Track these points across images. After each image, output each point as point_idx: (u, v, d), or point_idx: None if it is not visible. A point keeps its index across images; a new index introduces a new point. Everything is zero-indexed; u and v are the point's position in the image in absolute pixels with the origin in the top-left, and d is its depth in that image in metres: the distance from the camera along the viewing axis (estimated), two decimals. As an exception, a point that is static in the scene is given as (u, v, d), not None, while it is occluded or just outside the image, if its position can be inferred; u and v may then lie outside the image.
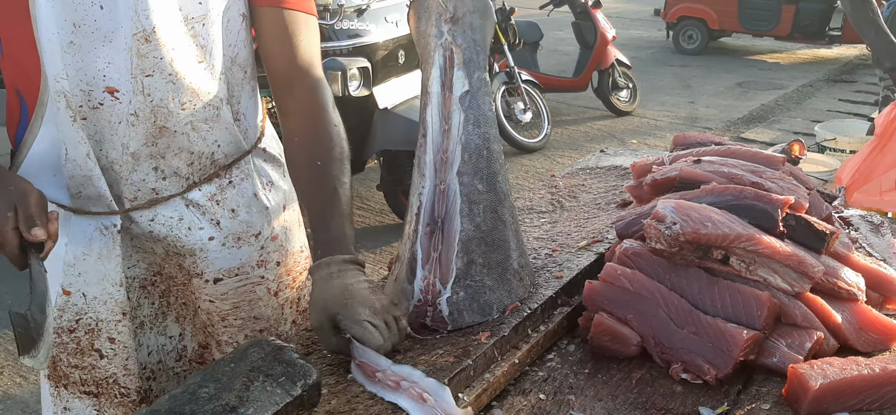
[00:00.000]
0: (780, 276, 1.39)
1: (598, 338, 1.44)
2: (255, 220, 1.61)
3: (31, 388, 3.91)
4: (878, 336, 1.42)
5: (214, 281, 1.57)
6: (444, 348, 1.37)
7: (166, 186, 1.51)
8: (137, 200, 1.50)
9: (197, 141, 1.51)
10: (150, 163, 1.48)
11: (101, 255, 1.50)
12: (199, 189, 1.54)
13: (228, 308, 1.61)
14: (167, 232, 1.52)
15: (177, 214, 1.53)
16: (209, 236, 1.55)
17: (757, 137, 7.93)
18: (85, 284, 1.51)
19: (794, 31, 11.97)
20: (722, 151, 1.79)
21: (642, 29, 14.89)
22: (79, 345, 1.55)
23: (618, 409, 1.30)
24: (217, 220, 1.56)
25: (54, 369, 1.58)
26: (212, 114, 1.51)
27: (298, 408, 1.17)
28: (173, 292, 1.60)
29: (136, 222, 1.51)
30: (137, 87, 1.41)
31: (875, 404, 1.26)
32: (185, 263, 1.56)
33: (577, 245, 1.75)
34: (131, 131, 1.44)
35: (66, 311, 1.53)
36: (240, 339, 1.61)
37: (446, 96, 1.52)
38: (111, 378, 1.56)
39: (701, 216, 1.40)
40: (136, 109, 1.43)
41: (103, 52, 1.38)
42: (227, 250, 1.57)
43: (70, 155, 1.44)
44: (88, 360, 1.56)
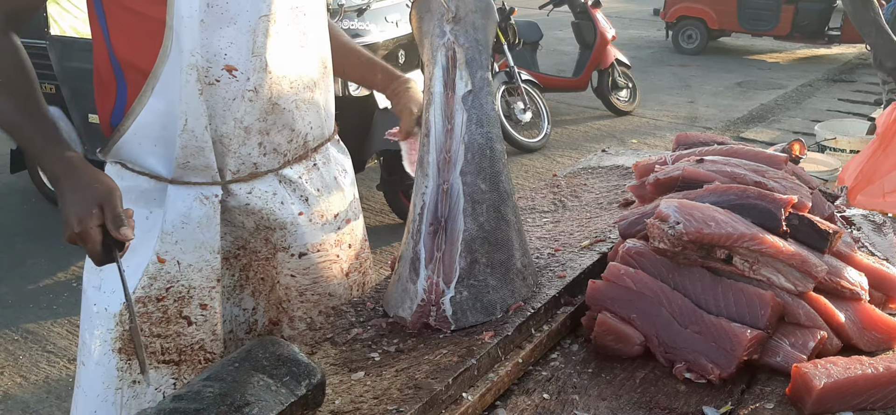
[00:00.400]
0: (784, 275, 1.39)
1: (601, 337, 1.44)
2: (335, 201, 1.75)
3: (32, 388, 3.91)
4: (882, 335, 1.42)
5: (299, 255, 1.68)
6: (448, 347, 1.38)
7: (266, 161, 1.61)
8: (239, 173, 1.60)
9: (298, 119, 1.63)
10: (257, 138, 1.59)
11: (201, 223, 1.57)
12: (291, 167, 1.66)
13: (308, 283, 1.71)
14: (262, 205, 1.62)
15: (271, 188, 1.63)
16: (299, 211, 1.66)
17: (757, 137, 7.93)
18: (180, 252, 1.57)
19: (794, 31, 11.97)
20: (724, 151, 1.79)
21: (642, 29, 14.89)
22: (165, 314, 1.59)
23: (622, 408, 1.30)
24: (306, 197, 1.68)
25: (130, 341, 1.58)
26: (309, 96, 1.65)
27: (303, 408, 1.17)
28: (253, 267, 1.67)
29: (234, 195, 1.60)
30: (260, 64, 1.54)
31: (879, 404, 1.26)
32: (272, 238, 1.65)
33: (580, 245, 1.75)
34: (248, 106, 1.55)
35: (158, 279, 1.57)
36: (314, 315, 1.72)
37: (449, 96, 1.53)
38: (197, 344, 1.62)
39: (704, 216, 1.40)
40: (256, 85, 1.54)
41: (227, 33, 1.50)
42: (313, 226, 1.69)
43: (189, 125, 1.51)
44: (174, 328, 1.60)
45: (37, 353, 4.22)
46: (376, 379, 1.31)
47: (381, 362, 1.37)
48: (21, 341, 4.34)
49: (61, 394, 3.86)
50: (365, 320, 1.53)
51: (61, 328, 4.46)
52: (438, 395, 1.25)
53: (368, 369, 1.35)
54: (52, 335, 4.38)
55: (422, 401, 1.22)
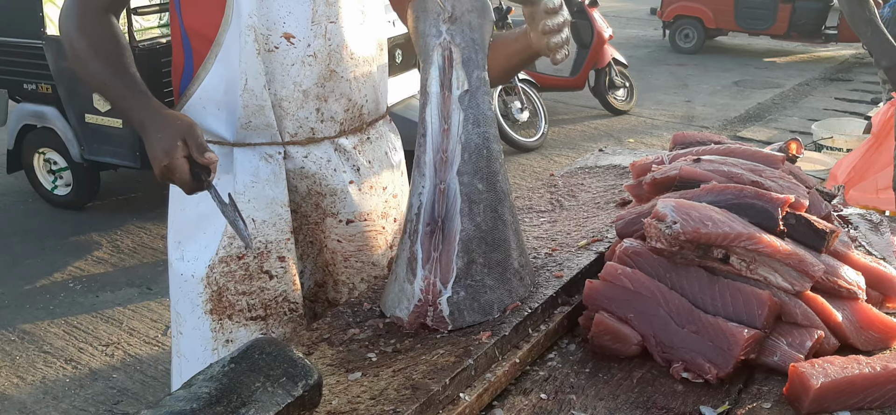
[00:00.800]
0: (781, 275, 1.39)
1: (598, 337, 1.44)
2: (385, 174, 1.84)
3: (28, 388, 3.91)
4: (879, 335, 1.42)
5: (347, 222, 1.76)
6: (445, 347, 1.37)
7: (323, 128, 1.71)
8: (297, 136, 1.70)
9: (355, 90, 1.73)
10: (315, 103, 1.68)
11: (269, 180, 1.67)
12: (346, 137, 1.75)
13: (353, 250, 1.79)
14: (317, 170, 1.72)
15: (326, 155, 1.72)
16: (350, 180, 1.76)
17: (754, 136, 7.94)
18: (254, 209, 1.66)
19: (791, 30, 11.99)
20: (721, 150, 1.78)
21: (639, 28, 14.90)
22: (247, 271, 1.68)
23: (619, 408, 1.30)
24: (358, 167, 1.77)
25: (219, 301, 1.69)
26: (367, 69, 1.75)
27: (299, 408, 1.16)
28: (303, 231, 1.75)
29: (292, 157, 1.70)
30: (320, 31, 1.65)
31: (876, 403, 1.26)
32: (323, 203, 1.74)
33: (577, 244, 1.75)
34: (307, 71, 1.65)
35: (236, 238, 1.63)
36: (356, 281, 1.80)
37: (445, 96, 1.52)
38: (281, 296, 1.70)
39: (701, 215, 1.40)
40: (316, 51, 1.65)
41: (286, 2, 1.62)
42: (362, 195, 1.78)
43: (249, 85, 1.63)
44: (257, 284, 1.69)
45: (33, 353, 4.22)
46: (373, 380, 1.31)
47: (378, 363, 1.36)
48: (17, 342, 4.33)
49: (58, 394, 3.86)
50: (362, 321, 1.53)
51: (58, 329, 4.45)
52: (435, 395, 1.25)
53: (365, 369, 1.35)
54: (48, 336, 4.38)
55: (419, 401, 1.22)
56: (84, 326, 4.49)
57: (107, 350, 4.24)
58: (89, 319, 4.57)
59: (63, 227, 5.86)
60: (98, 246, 5.53)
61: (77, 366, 4.10)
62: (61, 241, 5.63)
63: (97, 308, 4.68)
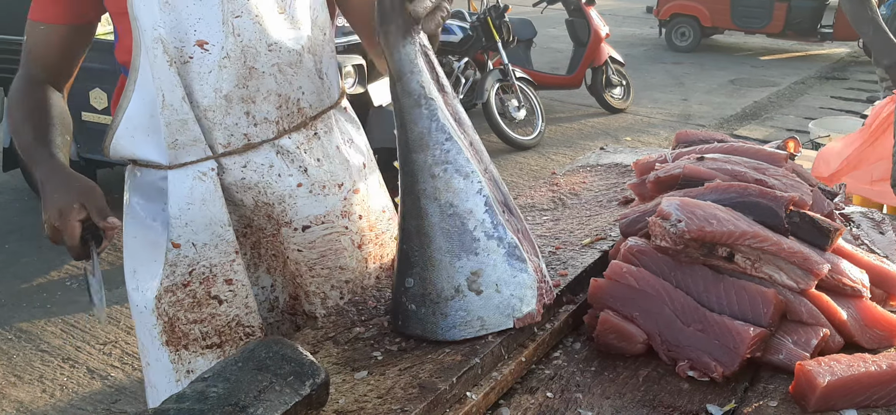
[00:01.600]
0: (786, 273, 1.39)
1: (603, 336, 1.44)
2: (339, 171, 1.70)
3: (26, 387, 3.90)
4: (884, 333, 1.42)
5: (303, 229, 1.66)
6: (451, 346, 1.37)
7: (257, 132, 1.59)
8: (230, 146, 1.58)
9: (283, 84, 1.60)
10: (241, 106, 1.57)
11: (204, 200, 1.57)
12: (288, 137, 1.63)
13: (316, 257, 1.68)
14: (258, 179, 1.60)
15: (267, 160, 1.61)
16: (297, 183, 1.63)
17: (750, 135, 7.95)
18: (193, 233, 1.58)
19: (786, 29, 12.02)
20: (725, 148, 1.79)
21: (635, 26, 14.92)
22: (195, 298, 1.60)
23: (625, 407, 1.30)
24: (305, 167, 1.64)
25: (172, 332, 1.61)
26: (295, 59, 1.61)
27: (307, 407, 1.16)
28: (263, 244, 1.66)
29: (229, 170, 1.59)
30: (229, 29, 1.53)
31: (882, 401, 1.26)
32: (273, 213, 1.64)
33: (581, 243, 1.75)
34: (223, 74, 1.54)
35: (178, 265, 1.58)
36: (326, 289, 1.70)
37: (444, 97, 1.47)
38: (233, 321, 1.62)
39: (706, 214, 1.40)
40: (228, 51, 1.53)
41: (194, 10, 1.51)
42: (314, 198, 1.66)
43: (167, 100, 1.53)
44: (207, 310, 1.61)
45: (31, 352, 4.20)
46: (380, 378, 1.30)
47: (384, 362, 1.36)
48: (14, 340, 4.32)
49: (55, 393, 3.85)
50: (367, 319, 1.53)
51: (55, 327, 4.44)
52: (442, 394, 1.24)
53: (371, 368, 1.34)
54: (45, 334, 4.37)
55: (426, 400, 1.22)
56: (81, 324, 4.48)
57: (104, 349, 4.23)
58: (87, 317, 4.56)
59: (60, 225, 5.84)
60: (95, 244, 5.51)
61: (75, 365, 4.09)
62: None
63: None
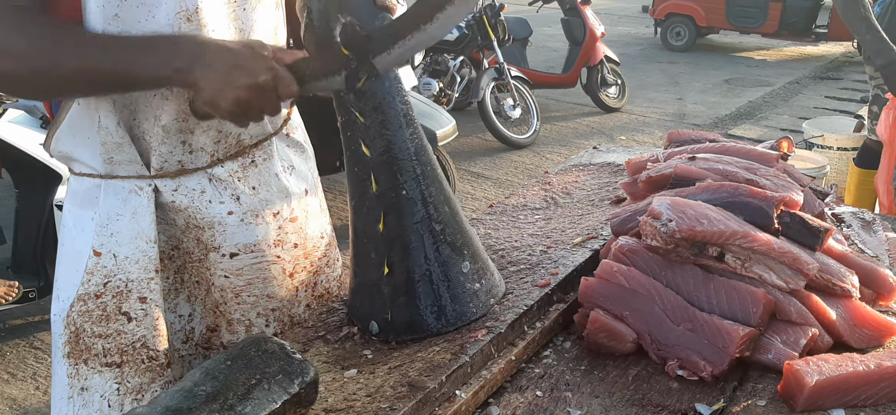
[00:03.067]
0: (776, 272, 1.40)
1: (594, 335, 1.45)
2: (274, 199, 1.63)
3: (19, 384, 3.89)
4: (872, 333, 1.42)
5: (231, 256, 1.59)
6: (441, 345, 1.37)
7: (192, 159, 1.53)
8: (164, 170, 1.52)
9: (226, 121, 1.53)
10: (179, 137, 1.50)
11: (135, 213, 1.51)
12: (222, 165, 1.57)
13: (242, 284, 1.62)
14: (189, 203, 1.54)
15: (199, 186, 1.55)
16: (228, 211, 1.57)
17: (744, 134, 7.97)
18: (116, 244, 1.51)
19: (781, 29, 12.05)
20: (716, 148, 1.79)
21: (630, 25, 14.93)
22: (104, 311, 1.53)
23: (614, 406, 1.30)
24: (237, 195, 1.58)
25: (75, 344, 1.55)
26: None
27: (296, 406, 1.16)
28: (188, 270, 1.60)
29: (161, 191, 1.53)
30: None
31: (870, 401, 1.26)
32: (203, 237, 1.57)
33: (572, 242, 1.75)
34: (164, 104, 1.46)
35: (95, 274, 1.53)
36: (252, 317, 1.63)
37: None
38: (138, 342, 1.55)
39: (697, 213, 1.41)
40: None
41: (145, 27, 1.39)
42: (245, 226, 1.59)
43: (103, 123, 1.46)
44: (114, 326, 1.54)
45: (24, 349, 4.20)
46: (369, 377, 1.31)
47: (373, 360, 1.36)
48: (7, 337, 4.31)
49: (48, 390, 3.84)
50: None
51: (48, 324, 4.43)
52: (432, 393, 1.25)
53: (361, 366, 1.35)
54: (39, 331, 4.36)
55: (415, 399, 1.22)
56: (75, 322, 4.47)
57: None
58: (80, 315, 4.55)
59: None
60: (89, 242, 5.50)
61: (68, 362, 4.08)
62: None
63: (88, 304, 4.65)
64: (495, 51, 7.61)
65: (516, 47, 8.62)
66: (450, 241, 1.46)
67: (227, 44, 1.34)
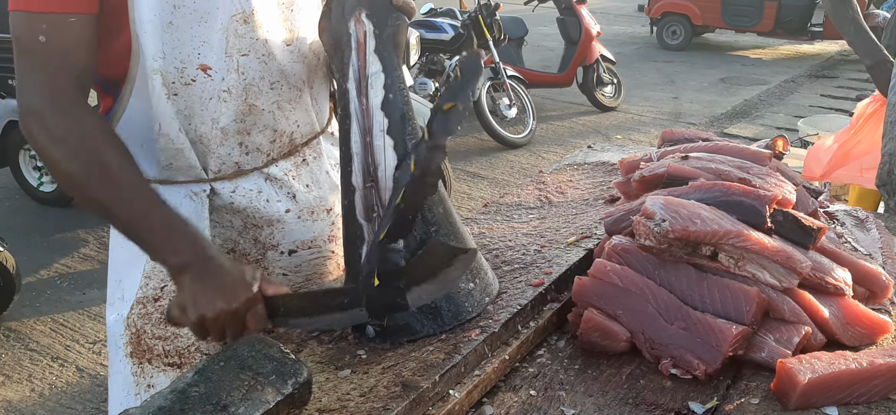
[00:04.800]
0: (769, 271, 1.40)
1: (587, 334, 1.45)
2: (327, 195, 1.69)
3: (14, 386, 3.88)
4: (865, 331, 1.43)
5: (289, 253, 1.65)
6: (435, 344, 1.37)
7: (249, 160, 1.57)
8: (221, 172, 1.56)
9: (281, 120, 1.58)
10: (236, 138, 1.54)
11: (191, 217, 1.51)
12: (276, 165, 1.61)
13: (301, 281, 1.67)
14: (247, 203, 1.58)
15: (256, 186, 1.59)
16: (286, 209, 1.62)
17: (740, 133, 7.98)
18: None
19: (777, 27, 12.06)
20: (709, 147, 1.79)
21: (626, 25, 14.94)
22: (162, 314, 1.56)
23: (608, 404, 1.30)
24: (293, 193, 1.63)
25: (138, 344, 1.59)
26: (295, 95, 1.59)
27: (289, 406, 1.16)
28: None
29: (219, 194, 1.57)
30: (232, 65, 1.48)
31: (863, 398, 1.27)
32: (260, 236, 1.62)
33: (566, 241, 1.75)
34: (222, 107, 1.50)
35: (152, 278, 1.55)
36: None
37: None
38: (193, 346, 1.59)
39: (690, 213, 1.41)
40: (230, 87, 1.49)
41: (199, 32, 1.44)
42: (303, 223, 1.65)
43: (163, 130, 1.48)
44: (172, 329, 1.57)
45: (20, 351, 4.19)
46: (363, 377, 1.31)
47: (367, 360, 1.36)
48: (3, 340, 4.30)
49: (44, 392, 3.84)
50: (351, 318, 1.52)
51: (44, 326, 4.42)
52: (425, 392, 1.25)
53: (355, 366, 1.35)
54: (34, 334, 4.35)
55: (408, 399, 1.22)
56: (71, 323, 4.47)
57: (93, 348, 4.21)
58: (76, 316, 4.54)
59: (49, 224, 5.82)
60: (85, 243, 5.50)
61: (64, 364, 4.08)
62: (47, 238, 5.60)
63: (84, 305, 4.65)
64: (491, 50, 7.60)
65: (512, 47, 8.61)
66: None
67: (225, 266, 1.30)
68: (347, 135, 1.45)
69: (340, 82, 1.46)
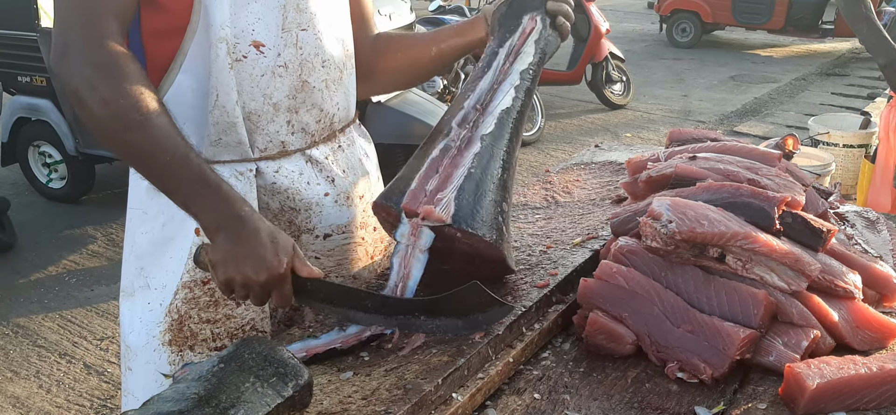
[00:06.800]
0: (777, 274, 1.38)
1: (593, 336, 1.43)
2: (360, 182, 1.74)
3: (22, 382, 3.89)
4: (875, 335, 1.41)
5: (324, 236, 1.66)
6: (438, 347, 1.36)
7: (293, 140, 1.60)
8: (267, 151, 1.58)
9: (327, 99, 1.63)
10: (286, 115, 1.57)
11: None
12: (317, 148, 1.64)
13: (333, 265, 1.69)
14: (289, 184, 1.60)
15: (298, 168, 1.61)
16: (325, 192, 1.65)
17: (750, 131, 7.94)
18: None
19: (788, 25, 12.00)
20: (718, 148, 1.77)
21: (635, 22, 14.88)
22: (213, 296, 1.57)
23: (613, 408, 1.29)
24: (332, 177, 1.66)
25: (179, 331, 1.58)
26: (337, 75, 1.65)
27: (289, 409, 1.15)
28: None
29: (262, 173, 1.58)
30: (291, 39, 1.53)
31: (872, 404, 1.25)
32: (297, 219, 1.63)
33: (572, 242, 1.73)
34: (277, 82, 1.53)
35: None
36: None
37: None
38: (248, 325, 1.60)
39: (697, 214, 1.39)
40: (286, 61, 1.53)
41: (254, 9, 1.48)
42: (339, 207, 1.68)
43: (220, 101, 1.49)
44: (223, 311, 1.58)
45: (28, 347, 4.20)
46: (365, 379, 1.29)
47: (370, 362, 1.35)
48: (11, 336, 4.32)
49: (52, 388, 3.85)
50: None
51: (52, 323, 4.43)
52: (428, 395, 1.23)
53: (357, 368, 1.33)
54: (42, 330, 4.36)
55: (411, 402, 1.20)
56: (79, 320, 4.48)
57: (101, 344, 4.22)
58: (84, 313, 4.55)
59: (57, 220, 5.85)
60: (93, 239, 5.51)
61: (71, 360, 4.09)
62: (56, 234, 5.62)
63: (92, 302, 4.66)
64: (499, 48, 7.57)
65: (520, 44, 8.58)
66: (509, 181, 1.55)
67: (260, 232, 1.33)
68: (477, 79, 1.61)
69: (494, 47, 1.65)
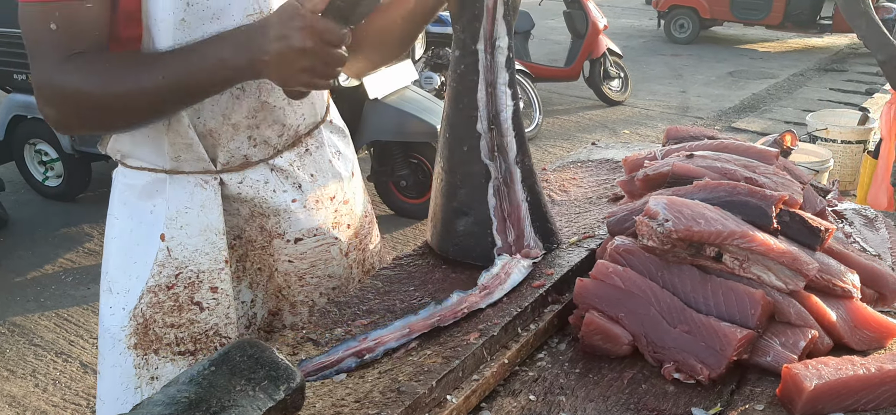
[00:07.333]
0: (774, 273, 1.37)
1: (589, 337, 1.42)
2: (330, 184, 1.73)
3: (18, 381, 3.88)
4: (874, 334, 1.39)
5: (295, 241, 1.67)
6: (433, 348, 1.35)
7: (256, 152, 1.60)
8: (229, 164, 1.59)
9: (289, 115, 1.62)
10: (246, 132, 1.57)
11: (203, 205, 1.56)
12: (281, 156, 1.64)
13: (306, 267, 1.70)
14: (254, 194, 1.61)
15: (263, 177, 1.61)
16: (292, 199, 1.65)
17: (748, 127, 7.93)
18: (186, 236, 1.56)
19: (785, 21, 11.99)
20: (715, 146, 1.76)
21: (633, 18, 14.87)
22: (177, 301, 1.58)
23: (609, 410, 1.27)
24: (299, 183, 1.66)
25: (144, 335, 1.59)
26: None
27: (281, 412, 1.13)
28: (250, 257, 1.66)
29: (226, 184, 1.58)
30: None
31: (871, 405, 1.23)
32: (267, 225, 1.64)
33: (568, 241, 1.72)
34: (235, 104, 1.53)
35: (166, 266, 1.56)
36: (315, 297, 1.72)
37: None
38: (211, 330, 1.60)
39: (693, 213, 1.38)
40: (244, 85, 1.52)
41: (210, 30, 1.43)
42: (308, 212, 1.68)
43: (172, 126, 1.50)
44: (186, 316, 1.59)
45: (24, 346, 4.19)
46: (358, 382, 1.28)
47: (363, 364, 1.34)
48: (7, 334, 4.30)
49: (48, 387, 3.83)
50: (349, 320, 1.50)
51: (48, 321, 4.42)
52: (422, 398, 1.22)
53: (350, 371, 1.32)
54: (39, 328, 4.35)
55: (404, 405, 1.19)
56: (75, 318, 4.46)
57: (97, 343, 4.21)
58: (80, 311, 4.54)
59: (54, 218, 5.83)
60: (89, 238, 5.50)
61: (68, 359, 4.07)
62: (52, 232, 5.60)
63: (88, 300, 4.65)
64: (497, 44, 7.56)
65: (518, 40, 8.58)
66: None
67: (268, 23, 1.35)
68: (474, 88, 1.59)
69: (468, 43, 1.58)
